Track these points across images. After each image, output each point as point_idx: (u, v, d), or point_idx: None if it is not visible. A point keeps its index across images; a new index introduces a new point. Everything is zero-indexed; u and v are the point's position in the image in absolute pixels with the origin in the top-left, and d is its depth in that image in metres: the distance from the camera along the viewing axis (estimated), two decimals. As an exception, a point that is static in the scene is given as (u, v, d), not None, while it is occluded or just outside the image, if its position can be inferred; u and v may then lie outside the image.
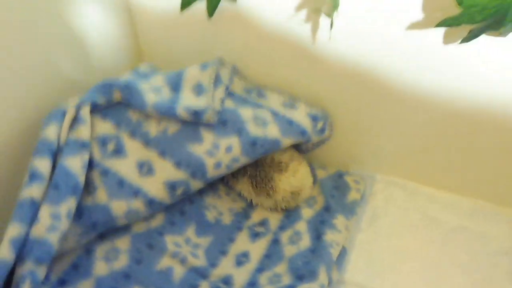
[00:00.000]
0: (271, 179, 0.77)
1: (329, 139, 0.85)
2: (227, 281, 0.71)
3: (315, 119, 0.79)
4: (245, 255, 0.75)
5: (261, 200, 0.80)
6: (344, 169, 0.87)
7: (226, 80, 0.79)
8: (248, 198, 0.81)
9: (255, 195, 0.79)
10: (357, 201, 0.81)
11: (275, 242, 0.76)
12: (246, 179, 0.79)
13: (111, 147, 0.71)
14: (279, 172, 0.78)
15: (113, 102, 0.73)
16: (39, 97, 0.72)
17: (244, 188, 0.81)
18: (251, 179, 0.79)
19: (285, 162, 0.78)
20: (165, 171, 0.72)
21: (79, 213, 0.67)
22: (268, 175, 0.78)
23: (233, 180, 0.82)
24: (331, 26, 0.65)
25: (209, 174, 0.74)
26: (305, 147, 0.84)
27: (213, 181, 0.77)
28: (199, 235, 0.76)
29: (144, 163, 0.72)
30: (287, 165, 0.78)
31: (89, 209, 0.68)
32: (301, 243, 0.75)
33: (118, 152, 0.71)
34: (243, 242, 0.77)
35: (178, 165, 0.72)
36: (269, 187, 0.77)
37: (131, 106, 0.73)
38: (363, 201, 0.82)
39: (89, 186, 0.69)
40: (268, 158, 0.79)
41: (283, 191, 0.77)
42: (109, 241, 0.71)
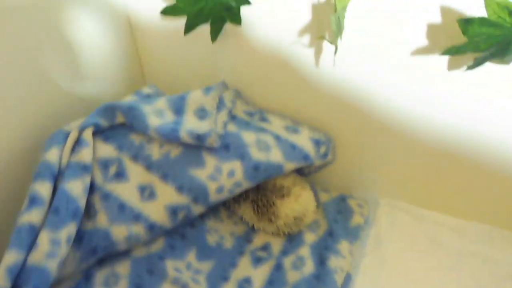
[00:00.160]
0: (273, 204, 0.75)
1: (332, 163, 0.83)
2: (229, 308, 0.69)
3: (318, 144, 0.78)
4: (248, 281, 0.72)
5: (263, 225, 0.77)
6: (347, 192, 0.86)
7: (229, 103, 0.78)
8: (250, 222, 0.79)
9: (257, 220, 0.77)
10: (361, 226, 0.79)
11: (278, 267, 0.74)
12: (248, 204, 0.77)
13: (113, 170, 0.69)
14: (281, 197, 0.76)
15: (116, 124, 0.71)
16: (39, 118, 0.71)
17: (245, 213, 0.78)
18: (253, 204, 0.77)
19: (287, 186, 0.76)
20: (167, 195, 0.70)
21: (79, 238, 0.65)
22: (270, 200, 0.76)
23: (234, 204, 0.79)
24: (335, 51, 0.64)
25: (211, 198, 0.72)
26: (308, 170, 0.82)
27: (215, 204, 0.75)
28: (200, 259, 0.74)
29: (146, 187, 0.70)
30: (290, 190, 0.76)
31: (89, 233, 0.66)
32: (304, 269, 0.73)
33: (119, 175, 0.69)
34: (245, 267, 0.74)
35: (180, 189, 0.70)
36: (271, 212, 0.75)
37: (134, 129, 0.71)
38: (366, 225, 0.80)
39: (89, 210, 0.67)
40: (270, 182, 0.77)
41: (286, 217, 0.75)
42: (108, 266, 0.69)
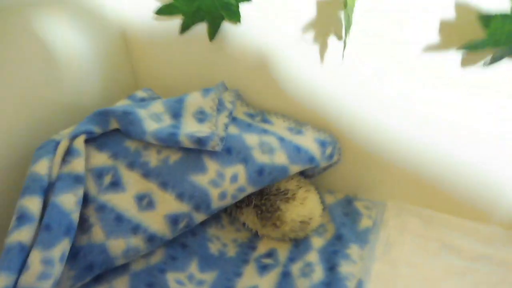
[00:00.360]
0: (278, 209, 0.70)
1: (338, 163, 0.78)
2: (235, 321, 0.64)
3: (323, 145, 0.73)
4: None
5: (268, 231, 0.72)
6: (352, 194, 0.81)
7: (229, 105, 0.72)
8: (253, 229, 0.74)
9: (261, 226, 0.72)
10: (370, 228, 0.74)
11: (286, 275, 0.69)
12: (250, 209, 0.72)
13: (108, 180, 0.64)
14: (286, 201, 0.70)
15: (110, 131, 0.65)
16: (28, 128, 0.65)
17: (248, 219, 0.73)
18: (256, 209, 0.71)
19: (292, 190, 0.71)
20: (167, 203, 0.64)
21: (73, 254, 0.60)
22: (274, 204, 0.70)
23: (236, 210, 0.74)
24: (344, 47, 0.59)
25: (214, 205, 0.66)
26: (312, 172, 0.77)
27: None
28: (203, 270, 0.69)
29: (143, 196, 0.64)
30: (294, 193, 0.71)
31: (85, 249, 0.61)
32: (313, 276, 0.68)
33: (115, 185, 0.64)
34: (250, 276, 0.69)
35: (180, 197, 0.64)
36: (276, 217, 0.70)
37: (129, 134, 0.65)
38: (375, 228, 0.75)
39: (84, 223, 0.61)
40: (273, 186, 0.72)
41: (292, 222, 0.70)
42: (106, 282, 0.63)
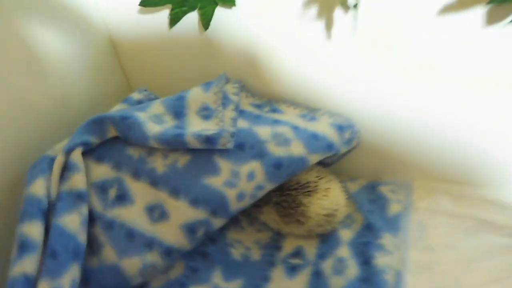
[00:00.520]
0: (300, 204, 0.63)
1: (357, 148, 0.72)
2: (271, 330, 0.57)
3: (341, 129, 0.66)
4: None
5: (292, 228, 0.66)
6: (375, 178, 0.74)
7: (234, 97, 0.66)
8: (275, 228, 0.68)
9: (284, 224, 0.66)
10: (400, 214, 0.68)
11: (317, 274, 0.62)
12: (270, 207, 0.66)
13: (113, 193, 0.57)
14: (308, 194, 0.64)
15: (108, 140, 0.59)
16: (17, 146, 0.58)
17: (269, 218, 0.67)
18: (277, 207, 0.65)
19: (313, 182, 0.65)
20: (181, 212, 0.58)
21: (85, 280, 0.53)
22: (296, 200, 0.64)
23: (255, 209, 0.68)
24: (355, 17, 0.52)
25: (232, 208, 0.59)
26: (330, 160, 0.71)
27: (234, 213, 0.63)
28: (228, 279, 0.62)
29: (154, 207, 0.58)
30: (316, 185, 0.64)
31: (97, 272, 0.54)
32: (348, 272, 0.61)
33: (122, 198, 0.57)
34: (280, 279, 0.62)
35: (194, 203, 0.58)
36: (299, 213, 0.64)
37: (130, 141, 0.59)
38: (405, 213, 0.68)
39: (93, 244, 0.55)
40: (292, 180, 0.65)
41: (317, 216, 0.64)
42: None
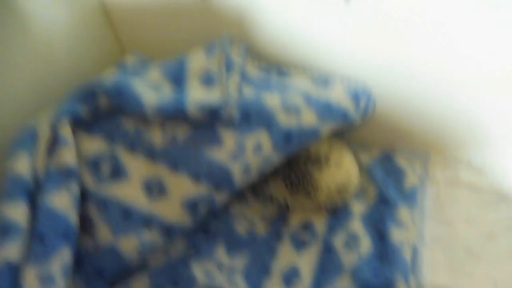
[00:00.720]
0: (311, 177, 0.58)
1: (371, 117, 0.65)
2: (279, 309, 0.53)
3: (356, 97, 0.59)
4: (294, 272, 0.56)
5: (300, 202, 0.60)
6: (390, 148, 0.68)
7: (239, 62, 0.58)
8: (282, 202, 0.62)
9: (292, 198, 0.60)
10: (417, 186, 0.62)
11: (328, 250, 0.58)
12: (278, 180, 0.60)
13: (107, 169, 0.51)
14: (319, 167, 0.58)
15: (100, 110, 0.52)
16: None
17: (277, 191, 0.61)
18: (285, 179, 0.59)
19: (324, 153, 0.59)
20: (181, 187, 0.52)
21: (78, 262, 0.48)
22: (306, 173, 0.58)
23: (261, 182, 0.62)
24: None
25: (237, 182, 0.54)
26: (343, 130, 0.64)
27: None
28: (232, 255, 0.58)
29: (152, 183, 0.52)
30: (328, 157, 0.59)
31: (91, 254, 0.50)
32: (361, 248, 0.57)
33: (116, 174, 0.51)
34: (287, 255, 0.58)
35: (196, 177, 0.52)
36: (309, 187, 0.58)
37: (124, 111, 0.52)
38: (422, 185, 0.63)
39: (86, 224, 0.50)
40: (302, 152, 0.59)
41: (328, 190, 0.58)
42: (122, 285, 0.53)
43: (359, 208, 0.61)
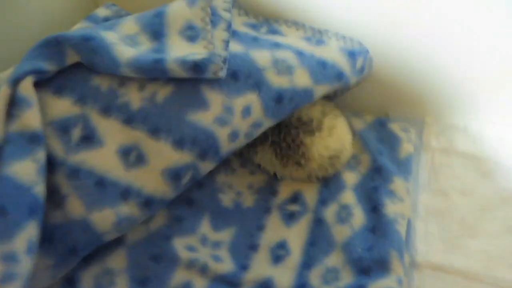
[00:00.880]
0: (301, 143, 0.54)
1: (366, 78, 0.60)
2: (266, 286, 0.48)
3: (352, 55, 0.54)
4: (283, 246, 0.52)
5: (290, 171, 0.56)
6: (382, 114, 0.64)
7: (225, 14, 0.52)
8: (271, 171, 0.58)
9: (281, 166, 0.56)
10: (412, 155, 0.59)
11: (318, 222, 0.54)
12: (267, 147, 0.55)
13: (77, 133, 0.45)
14: (311, 133, 0.54)
15: (68, 67, 0.45)
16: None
17: (265, 159, 0.57)
18: (274, 146, 0.55)
19: (316, 118, 0.54)
20: (162, 155, 0.47)
21: (47, 238, 0.43)
22: (296, 139, 0.54)
23: (249, 149, 0.57)
24: None
25: (224, 149, 0.49)
26: (337, 92, 0.59)
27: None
28: (217, 228, 0.53)
29: (130, 149, 0.46)
30: (320, 122, 0.54)
31: (61, 228, 0.44)
32: (353, 220, 0.53)
33: (88, 139, 0.45)
34: (275, 228, 0.54)
35: (179, 144, 0.46)
36: (299, 154, 0.54)
37: (97, 69, 0.46)
38: (416, 153, 0.59)
39: (54, 196, 0.44)
40: (293, 116, 0.54)
41: (319, 157, 0.54)
42: (97, 262, 0.48)
43: (351, 178, 0.57)
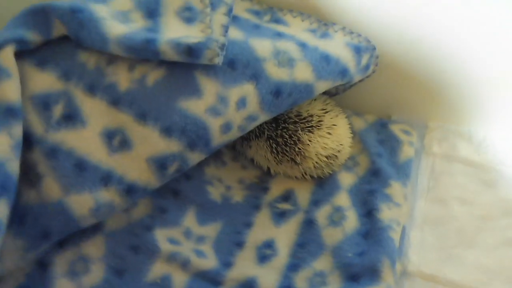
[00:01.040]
0: (299, 140, 0.51)
1: (370, 76, 0.57)
2: (249, 285, 0.46)
3: (358, 51, 0.51)
4: (270, 246, 0.49)
5: (284, 168, 0.53)
6: (384, 115, 0.61)
7: (227, 0, 0.49)
8: (264, 166, 0.55)
9: (276, 162, 0.53)
10: (412, 159, 0.56)
11: (309, 223, 0.51)
12: (262, 142, 0.52)
13: (59, 111, 0.42)
14: (310, 130, 0.51)
15: (54, 39, 0.42)
16: None
17: (259, 154, 0.54)
18: (270, 142, 0.52)
19: (316, 115, 0.51)
20: (149, 142, 0.43)
21: (18, 219, 0.40)
22: (293, 135, 0.51)
23: (242, 142, 0.54)
24: None
25: (215, 141, 0.46)
26: (338, 89, 0.56)
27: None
28: (203, 222, 0.50)
29: (114, 133, 0.43)
30: (320, 120, 0.51)
31: (34, 210, 0.41)
32: (346, 224, 0.50)
33: (70, 118, 0.42)
34: (264, 226, 0.51)
35: (167, 132, 0.43)
36: (295, 152, 0.51)
37: (84, 43, 0.43)
38: (417, 158, 0.56)
39: (29, 175, 0.41)
40: (292, 111, 0.51)
41: (316, 156, 0.51)
42: (73, 247, 0.46)
43: (347, 179, 0.54)
